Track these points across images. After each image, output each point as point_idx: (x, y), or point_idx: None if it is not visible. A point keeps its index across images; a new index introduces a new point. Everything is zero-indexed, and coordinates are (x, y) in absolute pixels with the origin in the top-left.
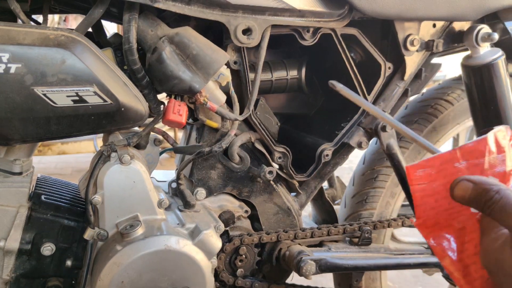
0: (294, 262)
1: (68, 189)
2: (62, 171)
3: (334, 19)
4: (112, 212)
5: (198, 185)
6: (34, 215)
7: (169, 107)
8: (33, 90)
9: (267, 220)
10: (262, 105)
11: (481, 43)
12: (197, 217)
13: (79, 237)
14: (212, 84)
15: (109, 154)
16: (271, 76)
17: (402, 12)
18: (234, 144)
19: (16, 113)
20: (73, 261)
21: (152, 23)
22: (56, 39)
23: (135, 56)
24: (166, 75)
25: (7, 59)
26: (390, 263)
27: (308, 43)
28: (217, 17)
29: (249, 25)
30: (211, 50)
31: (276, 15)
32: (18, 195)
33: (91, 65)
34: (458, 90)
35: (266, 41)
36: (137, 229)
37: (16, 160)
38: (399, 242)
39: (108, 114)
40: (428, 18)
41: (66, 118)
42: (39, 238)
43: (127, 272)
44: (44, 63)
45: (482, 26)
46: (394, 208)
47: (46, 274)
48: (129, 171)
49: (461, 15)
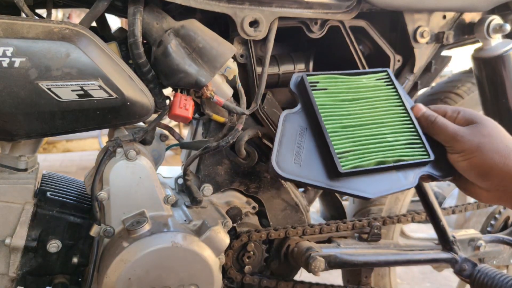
0: (302, 259)
1: (74, 185)
2: (67, 168)
3: (342, 10)
4: (118, 209)
5: (205, 181)
6: (40, 212)
7: (175, 101)
8: (37, 84)
9: (274, 216)
10: (269, 99)
11: (493, 35)
12: (204, 213)
13: (85, 234)
14: (218, 78)
15: (115, 149)
16: (278, 70)
17: (411, 3)
18: (241, 139)
19: (21, 108)
20: (79, 258)
21: (157, 16)
22: (60, 33)
23: (140, 50)
24: (172, 69)
25: (11, 53)
26: (400, 259)
27: (316, 35)
28: (223, 9)
29: (256, 17)
30: (217, 43)
31: (283, 7)
32: (24, 192)
33: (96, 59)
34: (469, 83)
35: (274, 33)
36: (143, 225)
37: (21, 157)
38: (409, 238)
39: (114, 109)
40: (438, 9)
41: (71, 113)
42: (45, 235)
43: (134, 269)
44: (49, 56)
45: (494, 17)
46: (403, 203)
47: (52, 271)
48: (135, 166)
49: (472, 6)
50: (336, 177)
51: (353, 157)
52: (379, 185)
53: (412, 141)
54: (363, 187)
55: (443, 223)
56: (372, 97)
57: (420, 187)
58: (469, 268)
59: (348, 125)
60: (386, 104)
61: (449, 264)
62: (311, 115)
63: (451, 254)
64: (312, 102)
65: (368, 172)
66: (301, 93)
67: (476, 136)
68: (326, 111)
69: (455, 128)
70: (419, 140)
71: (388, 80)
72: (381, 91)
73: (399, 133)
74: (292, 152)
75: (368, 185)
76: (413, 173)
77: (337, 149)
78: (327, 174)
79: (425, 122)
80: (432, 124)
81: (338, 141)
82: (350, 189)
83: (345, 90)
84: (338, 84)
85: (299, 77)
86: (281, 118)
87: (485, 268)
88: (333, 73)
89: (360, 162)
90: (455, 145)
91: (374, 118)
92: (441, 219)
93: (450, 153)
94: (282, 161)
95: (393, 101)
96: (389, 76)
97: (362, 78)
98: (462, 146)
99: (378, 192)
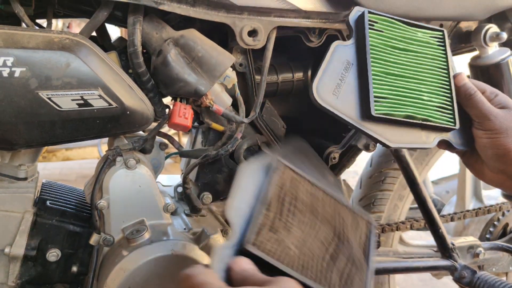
0: None
1: (74, 194)
2: (67, 177)
3: (340, 19)
4: (118, 217)
5: (205, 189)
6: (39, 220)
7: (175, 110)
8: (37, 94)
9: None
10: (268, 107)
11: (489, 43)
12: (204, 222)
13: (85, 243)
14: (217, 87)
15: (115, 158)
16: (277, 78)
17: (408, 12)
18: (241, 148)
19: (21, 117)
20: (79, 267)
21: (156, 25)
22: (60, 42)
23: (140, 59)
24: (171, 78)
25: (12, 63)
26: (399, 266)
27: (314, 44)
28: (222, 18)
29: (254, 27)
30: (216, 52)
31: (282, 17)
32: (23, 201)
33: (96, 68)
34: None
35: (272, 42)
36: (143, 234)
37: (21, 166)
38: (408, 245)
39: (113, 118)
40: (435, 18)
41: (71, 122)
42: (45, 244)
43: (134, 278)
44: (49, 66)
45: (490, 26)
46: (402, 211)
47: (52, 280)
48: (135, 175)
49: (469, 14)
50: (367, 118)
51: (387, 103)
52: (402, 137)
53: (444, 105)
54: (387, 135)
55: (442, 230)
56: (422, 52)
57: (419, 194)
58: (469, 275)
59: (392, 72)
60: (432, 63)
61: (449, 271)
62: (361, 53)
63: (451, 261)
64: (366, 41)
65: (396, 122)
66: (357, 28)
67: (507, 120)
68: (376, 53)
69: (490, 107)
70: (450, 106)
71: (441, 41)
72: (431, 49)
73: (435, 94)
74: (334, 83)
75: (392, 134)
76: (435, 135)
77: (375, 92)
78: (359, 113)
79: (464, 93)
80: (470, 97)
81: (378, 84)
82: (375, 133)
83: (399, 37)
84: (394, 30)
85: (360, 11)
86: (332, 47)
87: (485, 276)
88: (394, 17)
89: (392, 110)
90: (485, 122)
91: (416, 73)
92: (440, 226)
93: (477, 128)
94: (322, 89)
95: (439, 62)
96: (443, 37)
97: (418, 31)
98: (492, 125)
99: (399, 142)
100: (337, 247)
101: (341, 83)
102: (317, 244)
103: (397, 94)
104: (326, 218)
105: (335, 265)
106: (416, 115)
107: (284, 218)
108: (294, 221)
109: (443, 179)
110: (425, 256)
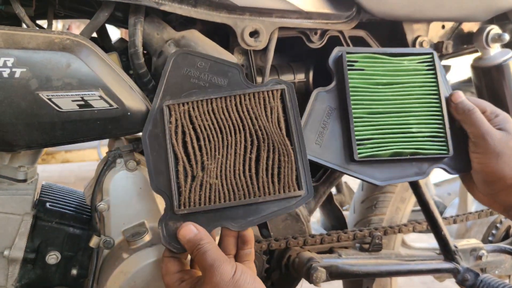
0: (304, 269)
1: (73, 196)
2: (66, 179)
3: (342, 21)
4: (118, 219)
5: None
6: (39, 223)
7: None
8: (38, 94)
9: (275, 226)
10: None
11: (491, 44)
12: None
13: (84, 245)
14: None
15: (115, 160)
16: None
17: (411, 13)
18: None
19: (21, 118)
20: (78, 270)
21: (158, 26)
22: (61, 43)
23: (141, 60)
24: None
25: (12, 64)
26: (401, 269)
27: (316, 45)
28: (223, 19)
29: (256, 28)
30: (217, 53)
31: (283, 17)
32: (23, 203)
33: (96, 69)
34: (468, 92)
35: (274, 43)
36: (143, 236)
37: (20, 167)
38: (410, 248)
39: (114, 119)
40: (437, 19)
41: (71, 123)
42: (44, 247)
43: (134, 281)
44: (49, 67)
45: (492, 27)
46: (404, 213)
47: (51, 283)
48: (135, 177)
49: (471, 15)
50: (351, 162)
51: (371, 145)
52: (391, 173)
53: (436, 134)
54: (374, 174)
55: (444, 232)
56: (408, 82)
57: (421, 196)
58: (472, 278)
59: (375, 111)
60: (421, 91)
61: (452, 274)
62: (342, 96)
63: (453, 264)
64: (345, 84)
65: (383, 161)
66: (337, 71)
67: (501, 143)
68: (357, 95)
69: (489, 127)
70: (443, 134)
71: (430, 63)
72: (419, 76)
73: (425, 124)
74: (316, 132)
75: (380, 172)
76: (428, 165)
77: (358, 136)
78: (343, 158)
79: (462, 109)
80: (469, 112)
81: (361, 127)
82: (362, 175)
83: (382, 72)
84: (376, 66)
85: (339, 52)
86: (313, 95)
87: (488, 278)
88: (377, 51)
89: (377, 151)
90: (481, 143)
91: (403, 106)
92: (443, 229)
93: (471, 151)
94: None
95: (428, 88)
96: (432, 60)
97: (404, 59)
98: (487, 146)
99: (388, 179)
100: (256, 146)
101: (323, 131)
102: (237, 159)
103: (382, 133)
104: (233, 124)
105: (260, 166)
106: (403, 150)
107: (194, 160)
108: (204, 155)
109: (445, 181)
110: (427, 259)
